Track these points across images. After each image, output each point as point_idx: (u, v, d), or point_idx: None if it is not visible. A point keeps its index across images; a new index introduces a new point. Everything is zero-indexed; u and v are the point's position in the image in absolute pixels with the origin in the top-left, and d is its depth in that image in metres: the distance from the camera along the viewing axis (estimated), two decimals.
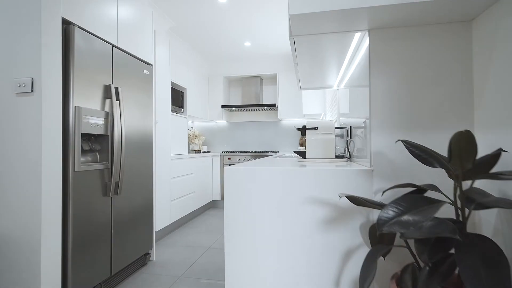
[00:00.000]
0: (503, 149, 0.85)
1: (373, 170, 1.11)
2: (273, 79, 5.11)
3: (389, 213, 0.80)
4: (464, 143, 0.68)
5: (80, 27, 1.66)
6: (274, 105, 4.62)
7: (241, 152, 4.51)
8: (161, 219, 2.92)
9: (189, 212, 3.64)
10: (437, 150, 1.07)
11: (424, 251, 0.84)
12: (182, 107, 3.90)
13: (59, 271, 1.51)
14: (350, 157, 1.69)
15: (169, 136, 3.04)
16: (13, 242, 1.44)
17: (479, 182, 1.01)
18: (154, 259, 2.43)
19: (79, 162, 1.61)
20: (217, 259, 2.45)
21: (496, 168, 0.94)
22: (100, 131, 1.77)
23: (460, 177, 0.79)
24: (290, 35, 1.17)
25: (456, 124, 1.06)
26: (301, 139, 4.89)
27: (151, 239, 2.38)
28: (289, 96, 4.72)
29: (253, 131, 5.09)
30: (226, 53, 4.60)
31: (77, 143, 1.59)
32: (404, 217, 0.77)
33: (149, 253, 2.37)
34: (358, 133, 1.47)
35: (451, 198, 1.03)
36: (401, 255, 1.08)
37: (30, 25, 1.42)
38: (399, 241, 1.06)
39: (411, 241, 1.02)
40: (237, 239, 1.20)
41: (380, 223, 0.78)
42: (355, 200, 0.92)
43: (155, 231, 2.87)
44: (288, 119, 4.93)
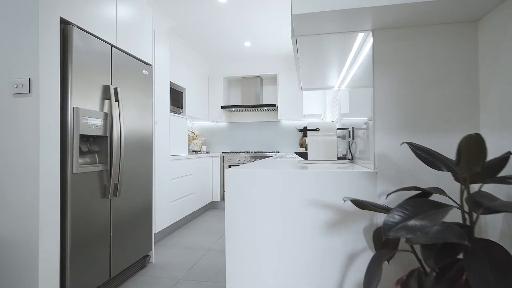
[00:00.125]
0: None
1: (377, 172, 1.09)
2: (273, 79, 5.09)
3: (395, 217, 0.78)
4: (473, 146, 0.66)
5: (78, 27, 1.63)
6: (274, 105, 4.60)
7: (241, 152, 4.49)
8: (160, 220, 2.89)
9: (188, 213, 3.62)
10: (442, 152, 1.05)
11: (430, 256, 0.82)
12: (181, 108, 3.88)
13: (57, 274, 1.49)
14: (352, 158, 1.67)
15: (168, 136, 3.02)
16: (11, 244, 1.41)
17: (484, 185, 0.99)
18: (153, 261, 2.41)
19: (78, 164, 1.59)
20: (217, 261, 2.43)
21: (503, 172, 0.92)
22: (99, 132, 1.75)
23: (467, 181, 0.77)
24: (292, 35, 1.15)
25: (461, 126, 1.04)
26: (301, 139, 4.87)
27: (151, 241, 2.36)
28: (289, 96, 4.70)
29: (253, 132, 5.07)
30: (226, 53, 4.58)
31: (75, 145, 1.57)
32: (410, 222, 0.76)
33: (148, 255, 2.35)
34: (360, 134, 1.45)
35: (457, 201, 1.01)
36: (405, 259, 1.06)
37: (27, 25, 1.40)
38: (404, 245, 1.04)
39: (416, 245, 1.00)
40: (238, 242, 1.18)
41: (386, 228, 0.76)
42: (360, 204, 0.90)
43: (155, 233, 2.85)
44: (288, 120, 4.91)
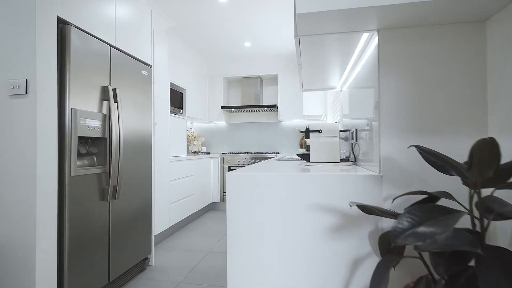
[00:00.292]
0: None
1: (382, 176, 1.06)
2: (273, 79, 5.06)
3: (404, 223, 0.75)
4: (487, 151, 0.63)
5: (76, 27, 1.60)
6: (274, 106, 4.58)
7: (240, 153, 4.46)
8: (160, 222, 2.86)
9: (188, 214, 3.59)
10: (448, 155, 1.02)
11: (440, 263, 0.79)
12: (181, 108, 3.85)
13: (55, 278, 1.46)
14: (355, 160, 1.65)
15: (168, 137, 2.99)
16: (8, 248, 1.38)
17: (490, 190, 0.97)
18: (153, 264, 2.38)
19: (76, 166, 1.56)
20: (218, 263, 2.40)
21: None
22: (97, 134, 1.72)
23: (479, 185, 0.74)
24: (295, 36, 1.12)
25: (468, 128, 1.01)
26: (301, 140, 4.84)
27: (150, 244, 2.32)
28: (289, 96, 4.67)
29: (253, 132, 5.04)
30: (225, 53, 4.55)
31: (73, 147, 1.54)
32: (420, 229, 0.73)
33: (148, 258, 2.32)
34: (363, 136, 1.42)
35: (466, 206, 0.98)
36: (411, 265, 1.04)
37: (24, 25, 1.37)
38: (411, 250, 1.02)
39: (425, 252, 0.98)
40: (240, 246, 1.15)
41: (395, 235, 0.73)
42: (366, 209, 0.87)
43: (154, 235, 2.82)
44: (288, 120, 4.88)
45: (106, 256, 1.80)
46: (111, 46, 1.90)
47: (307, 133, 1.59)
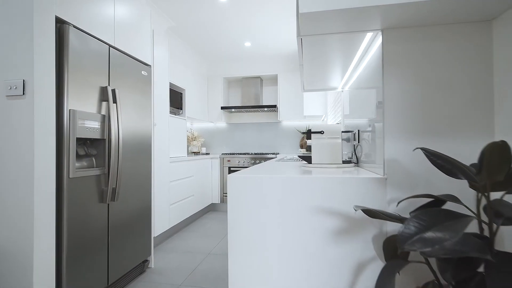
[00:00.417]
0: None
1: (386, 178, 1.04)
2: (273, 79, 5.04)
3: (411, 228, 0.73)
4: (498, 154, 0.61)
5: (75, 27, 1.58)
6: (274, 106, 4.56)
7: (240, 154, 4.44)
8: (159, 224, 2.84)
9: (188, 216, 3.57)
10: (453, 157, 1.00)
11: (447, 269, 0.77)
12: (180, 109, 3.83)
13: (53, 281, 1.43)
14: (357, 162, 1.63)
15: (168, 138, 2.96)
16: (4, 250, 1.36)
17: (498, 194, 0.95)
18: (152, 266, 2.36)
19: (74, 168, 1.53)
20: (218, 265, 2.38)
21: None
22: (96, 135, 1.70)
23: (488, 189, 0.72)
24: (298, 35, 1.10)
25: (474, 130, 0.99)
26: (301, 140, 4.82)
27: (150, 246, 2.30)
28: (289, 97, 4.65)
29: (253, 133, 5.02)
30: (225, 53, 4.53)
31: (71, 148, 1.52)
32: (427, 234, 0.71)
33: (147, 260, 2.30)
34: (365, 137, 1.40)
35: (473, 210, 0.96)
36: (416, 269, 1.02)
37: (21, 24, 1.35)
38: (416, 254, 1.00)
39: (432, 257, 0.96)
40: (241, 250, 1.13)
41: (401, 240, 0.71)
42: (372, 213, 0.85)
43: (154, 237, 2.79)
44: (288, 121, 4.86)
45: (105, 258, 1.78)
46: (110, 46, 1.88)
47: (309, 134, 1.57)
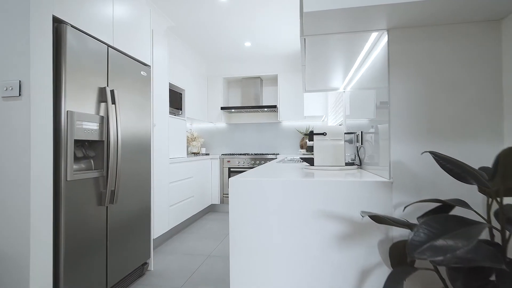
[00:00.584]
0: None
1: (392, 182, 1.02)
2: (274, 80, 5.02)
3: (421, 235, 0.70)
4: None
5: (73, 26, 1.55)
6: (274, 106, 4.53)
7: (240, 154, 4.41)
8: (159, 225, 2.81)
9: (188, 217, 3.54)
10: (460, 160, 0.98)
11: (457, 278, 0.75)
12: (180, 109, 3.80)
13: (50, 285, 1.40)
14: (360, 164, 1.60)
15: (167, 139, 2.93)
16: (2, 253, 1.33)
17: (508, 199, 0.92)
18: (152, 269, 2.33)
19: (72, 170, 1.50)
20: (218, 267, 2.35)
21: None
22: (94, 137, 1.67)
23: (501, 194, 0.70)
24: (301, 35, 1.08)
25: (482, 133, 0.97)
26: (301, 141, 4.80)
27: (149, 248, 2.27)
28: (289, 97, 4.63)
29: (253, 133, 4.99)
30: (225, 54, 4.50)
31: (69, 151, 1.49)
32: (438, 242, 0.68)
33: (147, 263, 2.27)
34: (369, 139, 1.38)
35: (482, 215, 0.94)
36: (424, 277, 0.99)
37: (18, 24, 1.32)
38: (424, 261, 0.97)
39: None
40: (242, 254, 1.10)
41: (411, 248, 0.68)
42: (378, 219, 0.82)
43: (153, 238, 2.76)
44: (288, 121, 4.84)
45: (103, 261, 1.75)
46: (109, 46, 1.85)
47: (311, 135, 1.54)
